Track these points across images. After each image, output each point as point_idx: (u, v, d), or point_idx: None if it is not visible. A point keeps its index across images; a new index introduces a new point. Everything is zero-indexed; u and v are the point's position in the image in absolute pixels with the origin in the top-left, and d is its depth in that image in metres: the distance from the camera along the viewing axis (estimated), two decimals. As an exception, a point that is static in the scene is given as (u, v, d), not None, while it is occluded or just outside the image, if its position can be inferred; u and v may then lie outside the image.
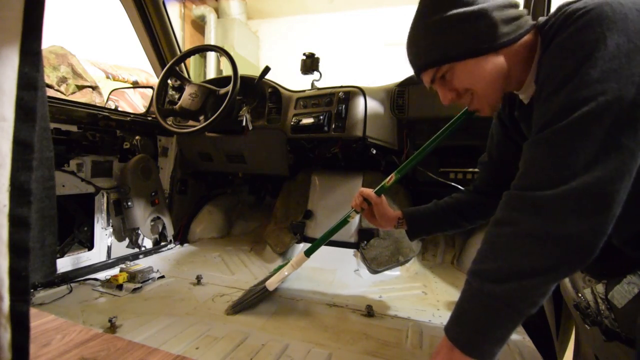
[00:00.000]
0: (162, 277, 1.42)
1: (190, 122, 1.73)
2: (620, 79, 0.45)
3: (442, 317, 1.14)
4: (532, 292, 0.51)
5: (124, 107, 2.54)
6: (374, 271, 1.48)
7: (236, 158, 1.92)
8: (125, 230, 1.65)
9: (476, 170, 1.53)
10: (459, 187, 1.54)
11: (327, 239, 1.16)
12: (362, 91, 1.55)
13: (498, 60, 0.63)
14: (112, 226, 1.61)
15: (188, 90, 1.56)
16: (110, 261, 1.56)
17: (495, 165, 0.92)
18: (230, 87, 1.46)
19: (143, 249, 1.74)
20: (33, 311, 1.06)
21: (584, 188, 0.46)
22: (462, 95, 0.69)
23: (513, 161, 0.70)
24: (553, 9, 0.69)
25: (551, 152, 0.50)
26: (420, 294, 1.33)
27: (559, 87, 0.51)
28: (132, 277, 1.32)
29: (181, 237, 1.98)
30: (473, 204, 0.98)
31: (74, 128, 1.44)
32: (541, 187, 0.50)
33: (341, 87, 1.58)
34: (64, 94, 2.82)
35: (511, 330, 0.53)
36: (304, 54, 1.68)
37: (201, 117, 1.52)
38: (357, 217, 1.51)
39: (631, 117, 0.45)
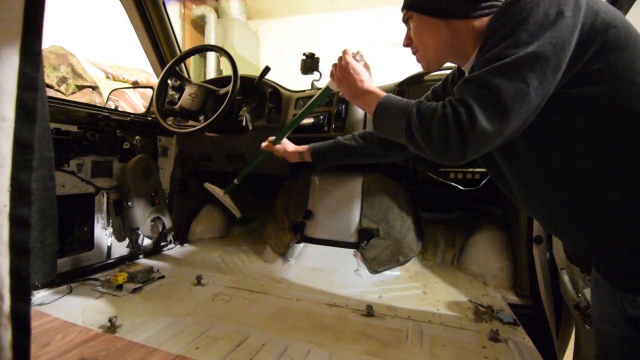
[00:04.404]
0: (162, 277, 1.42)
1: (190, 122, 1.73)
2: (542, 40, 0.53)
3: (442, 317, 1.14)
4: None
5: (124, 107, 2.53)
6: (374, 271, 1.48)
7: (236, 158, 1.92)
8: (125, 230, 1.65)
9: (476, 170, 1.54)
10: (459, 187, 1.54)
11: (251, 169, 1.36)
12: (362, 91, 1.55)
13: (444, 29, 0.70)
14: (112, 226, 1.61)
15: (188, 90, 1.56)
16: (110, 261, 1.56)
17: None
18: (230, 87, 1.46)
19: (143, 249, 1.74)
20: (33, 311, 1.06)
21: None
22: (413, 45, 0.78)
23: None
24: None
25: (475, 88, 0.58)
26: (420, 294, 1.33)
27: (495, 45, 0.56)
28: (132, 277, 1.32)
29: (181, 237, 1.98)
30: (366, 151, 1.13)
31: (74, 128, 1.44)
32: None
33: (341, 87, 1.58)
34: (64, 94, 2.82)
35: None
36: (304, 54, 1.68)
37: (201, 117, 1.52)
38: (356, 218, 1.61)
39: (542, 68, 0.53)
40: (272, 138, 1.28)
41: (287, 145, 1.29)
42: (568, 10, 0.53)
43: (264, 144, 1.30)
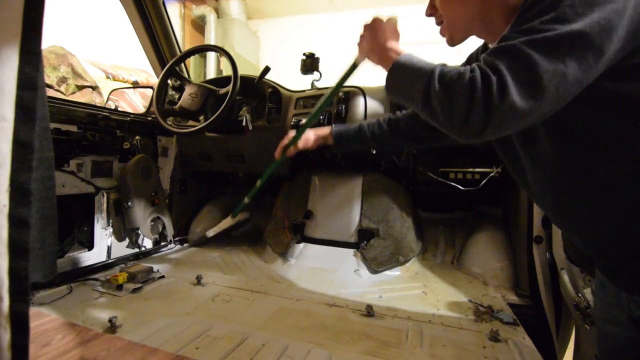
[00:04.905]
0: (162, 277, 1.42)
1: (190, 122, 1.72)
2: (588, 20, 0.47)
3: (442, 317, 1.14)
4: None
5: (124, 107, 2.53)
6: (374, 271, 1.48)
7: (236, 158, 1.92)
8: (125, 230, 1.65)
9: (476, 170, 1.54)
10: (459, 187, 1.54)
11: (266, 180, 1.38)
12: (362, 91, 1.55)
13: (476, 1, 0.64)
14: (112, 226, 1.61)
15: (188, 90, 1.56)
16: (110, 261, 1.56)
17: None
18: (230, 87, 1.46)
19: (143, 249, 1.74)
20: (33, 311, 1.06)
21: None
22: (437, 15, 0.72)
23: None
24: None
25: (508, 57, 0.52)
26: (420, 294, 1.33)
27: (534, 17, 0.51)
28: (132, 277, 1.32)
29: (181, 237, 1.98)
30: (392, 140, 1.10)
31: (74, 128, 1.44)
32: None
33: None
34: (64, 94, 2.82)
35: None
36: (304, 54, 1.68)
37: (201, 117, 1.52)
38: (357, 218, 1.60)
39: (584, 51, 0.47)
40: (291, 134, 1.21)
41: (308, 136, 1.21)
42: None
43: (278, 152, 1.24)
